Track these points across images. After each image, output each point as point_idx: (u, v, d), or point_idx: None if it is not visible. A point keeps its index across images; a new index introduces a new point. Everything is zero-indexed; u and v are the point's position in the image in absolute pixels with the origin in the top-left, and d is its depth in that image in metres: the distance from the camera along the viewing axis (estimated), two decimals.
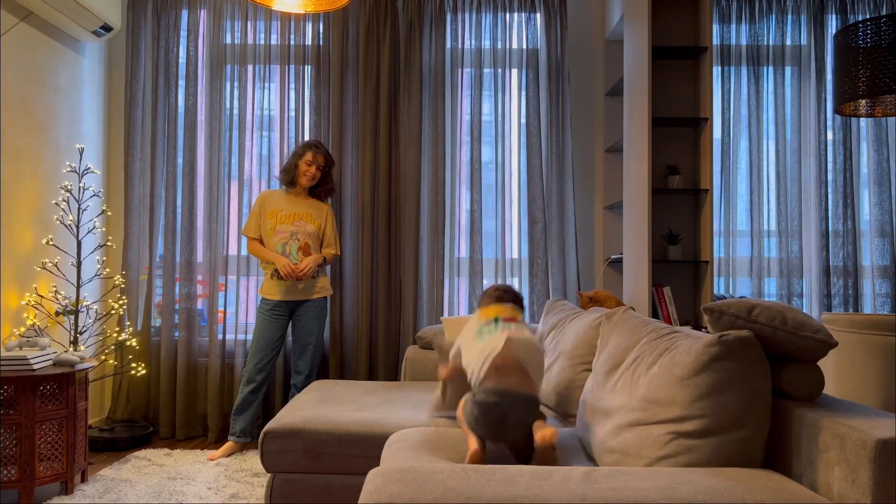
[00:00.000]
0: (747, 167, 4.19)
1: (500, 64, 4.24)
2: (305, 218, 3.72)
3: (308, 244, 3.69)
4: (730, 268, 4.16)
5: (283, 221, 3.71)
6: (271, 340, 3.68)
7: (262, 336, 3.67)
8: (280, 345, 3.73)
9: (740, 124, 4.19)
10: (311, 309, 3.73)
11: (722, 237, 4.15)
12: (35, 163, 3.59)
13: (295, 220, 3.70)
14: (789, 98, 4.22)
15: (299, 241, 3.68)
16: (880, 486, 1.27)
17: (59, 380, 2.90)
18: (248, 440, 3.70)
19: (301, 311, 3.73)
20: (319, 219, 3.78)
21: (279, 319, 3.71)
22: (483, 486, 1.30)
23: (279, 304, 3.69)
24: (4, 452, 2.78)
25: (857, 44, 2.93)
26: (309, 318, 3.73)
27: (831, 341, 1.55)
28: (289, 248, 3.67)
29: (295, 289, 3.68)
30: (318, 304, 3.75)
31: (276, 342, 3.70)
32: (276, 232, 3.70)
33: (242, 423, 3.66)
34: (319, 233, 3.77)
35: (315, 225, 3.74)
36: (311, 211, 3.76)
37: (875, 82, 2.87)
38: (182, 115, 4.21)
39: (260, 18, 4.24)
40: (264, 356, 3.66)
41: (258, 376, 3.65)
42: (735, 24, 4.19)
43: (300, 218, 3.71)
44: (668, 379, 1.65)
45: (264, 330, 3.67)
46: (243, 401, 3.65)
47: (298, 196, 3.79)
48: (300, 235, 3.69)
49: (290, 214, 3.72)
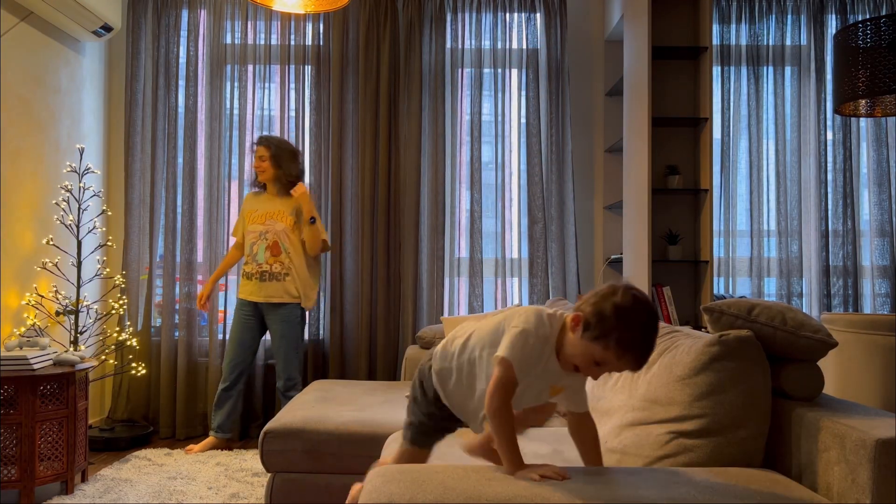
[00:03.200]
0: (747, 167, 4.19)
1: (500, 64, 4.24)
2: (276, 216, 3.68)
3: (277, 242, 3.66)
4: (730, 268, 4.16)
5: (254, 222, 3.70)
6: (241, 340, 3.69)
7: (233, 336, 3.71)
8: (253, 346, 3.73)
9: (740, 124, 4.19)
10: (278, 313, 3.66)
11: (722, 237, 4.15)
12: (35, 163, 3.59)
13: (266, 220, 3.68)
14: (789, 98, 4.22)
15: (267, 241, 3.65)
16: (880, 485, 1.27)
17: (59, 380, 2.90)
18: (227, 436, 3.72)
19: (270, 316, 3.68)
20: (292, 214, 3.70)
21: (248, 320, 3.70)
22: (483, 486, 1.30)
23: (247, 304, 3.69)
24: (4, 452, 2.78)
25: (857, 44, 2.93)
26: (276, 322, 3.67)
27: (831, 341, 1.55)
28: (256, 247, 3.66)
29: (259, 291, 3.65)
30: (285, 309, 3.66)
31: (246, 342, 3.70)
32: (248, 233, 3.71)
33: (219, 418, 3.69)
34: (297, 228, 3.68)
35: (286, 223, 3.68)
36: (282, 208, 3.71)
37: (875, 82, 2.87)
38: (182, 115, 4.21)
39: (260, 18, 4.24)
40: (235, 356, 3.68)
41: (230, 375, 3.68)
42: (735, 24, 4.19)
43: (271, 217, 3.68)
44: (668, 378, 1.65)
45: (235, 329, 3.71)
46: (218, 398, 3.71)
47: (273, 196, 3.75)
48: (269, 235, 3.65)
49: (262, 214, 3.70)
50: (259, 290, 3.65)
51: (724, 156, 4.15)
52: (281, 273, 3.64)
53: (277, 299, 3.64)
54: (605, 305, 1.37)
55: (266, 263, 3.64)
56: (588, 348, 1.38)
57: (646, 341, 1.37)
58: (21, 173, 3.48)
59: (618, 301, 1.36)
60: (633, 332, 1.35)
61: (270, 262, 3.64)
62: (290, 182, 3.70)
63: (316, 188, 4.17)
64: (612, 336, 1.35)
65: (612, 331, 1.35)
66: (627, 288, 1.40)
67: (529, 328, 1.44)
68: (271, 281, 3.64)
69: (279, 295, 3.64)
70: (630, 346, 1.35)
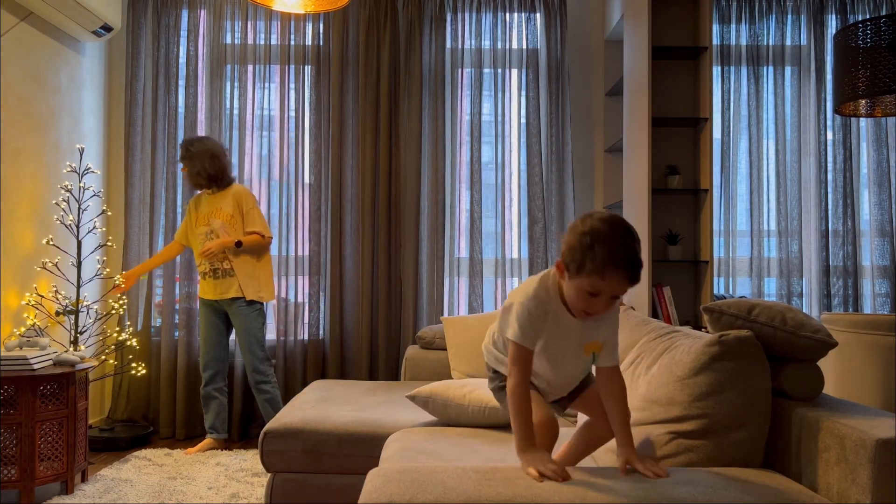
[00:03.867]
0: (747, 167, 4.19)
1: (500, 64, 4.24)
2: (215, 214, 3.70)
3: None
4: (730, 268, 4.16)
5: (199, 224, 3.73)
6: (209, 338, 3.73)
7: (202, 336, 3.77)
8: (222, 342, 3.76)
9: (740, 124, 4.19)
10: (236, 308, 3.67)
11: (722, 237, 4.15)
12: (35, 163, 3.59)
13: (208, 220, 3.70)
14: (789, 98, 4.22)
15: (212, 240, 3.68)
16: (880, 486, 1.27)
17: (59, 380, 2.90)
18: (222, 436, 3.74)
19: (230, 311, 3.71)
20: (228, 208, 3.70)
21: (211, 318, 3.73)
22: (483, 486, 1.30)
23: (207, 302, 3.72)
24: (4, 452, 2.78)
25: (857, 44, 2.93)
26: (236, 316, 3.69)
27: (831, 341, 1.55)
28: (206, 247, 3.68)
29: (215, 289, 3.67)
30: (241, 303, 3.66)
31: (214, 339, 3.73)
32: (197, 235, 3.73)
33: (209, 419, 3.73)
34: (234, 221, 3.69)
35: (223, 218, 3.68)
36: (219, 205, 3.71)
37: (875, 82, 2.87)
38: (182, 115, 4.21)
39: (260, 18, 4.24)
40: (206, 354, 3.73)
41: (205, 374, 3.73)
42: (735, 24, 4.19)
43: (210, 216, 3.70)
44: (667, 379, 1.65)
45: (202, 329, 3.77)
46: (202, 399, 3.77)
47: (209, 195, 3.75)
48: (212, 234, 3.68)
49: (203, 215, 3.72)
50: (215, 288, 3.67)
51: (724, 156, 4.15)
52: (230, 269, 3.66)
53: (231, 294, 3.66)
54: (571, 238, 1.41)
55: (217, 261, 3.66)
56: (578, 285, 1.40)
57: (621, 251, 1.37)
58: (21, 173, 3.48)
59: (582, 229, 1.39)
60: (605, 247, 1.36)
61: (221, 259, 3.66)
62: (214, 177, 3.69)
63: (316, 188, 4.17)
64: (588, 261, 1.36)
65: (585, 257, 1.37)
66: (588, 214, 1.42)
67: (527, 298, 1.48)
68: (224, 277, 3.66)
69: (233, 290, 3.66)
70: (607, 261, 1.36)
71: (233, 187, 3.74)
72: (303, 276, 4.21)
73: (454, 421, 2.37)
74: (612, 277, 1.37)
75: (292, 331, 4.15)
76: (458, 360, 3.31)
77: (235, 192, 3.72)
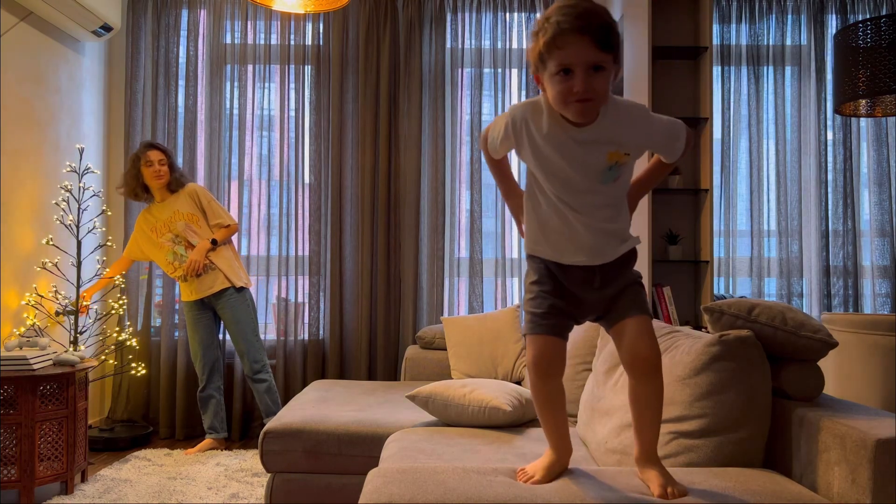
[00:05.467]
0: (747, 167, 4.19)
1: (500, 64, 4.24)
2: (176, 217, 3.66)
3: (188, 239, 3.65)
4: (730, 268, 4.16)
5: (160, 234, 3.67)
6: (201, 340, 3.71)
7: (192, 338, 3.73)
8: (214, 341, 3.75)
9: (740, 124, 4.19)
10: (225, 301, 3.66)
11: (722, 237, 4.15)
12: (35, 162, 3.59)
13: (170, 225, 3.66)
14: (789, 98, 4.22)
15: (182, 242, 3.66)
16: (880, 486, 1.27)
17: (59, 380, 2.90)
18: (222, 435, 3.74)
19: (219, 306, 3.69)
20: (185, 207, 3.67)
21: (200, 318, 3.71)
22: (483, 487, 1.30)
23: (193, 304, 3.69)
24: (4, 452, 2.77)
25: (857, 44, 2.93)
26: (226, 309, 3.66)
27: (831, 341, 1.55)
28: (177, 251, 3.66)
29: (198, 287, 3.64)
30: (229, 294, 3.65)
31: (206, 340, 3.71)
32: (160, 247, 3.67)
33: (208, 420, 3.73)
34: (195, 218, 3.67)
35: (186, 218, 3.66)
36: (177, 207, 3.68)
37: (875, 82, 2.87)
38: (182, 115, 4.21)
39: (260, 18, 4.24)
40: (201, 356, 3.71)
41: (202, 377, 3.72)
42: (735, 24, 4.19)
43: (172, 220, 3.66)
44: (668, 379, 1.65)
45: (191, 332, 3.73)
46: (199, 401, 3.75)
47: (163, 201, 3.69)
48: (179, 237, 3.65)
49: (164, 223, 3.67)
50: (198, 287, 3.65)
51: (724, 156, 4.15)
52: (209, 264, 3.64)
53: (217, 287, 3.64)
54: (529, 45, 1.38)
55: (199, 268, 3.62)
56: (549, 74, 1.32)
57: (572, 11, 1.28)
58: (21, 173, 3.47)
59: (535, 27, 1.34)
60: (556, 15, 1.29)
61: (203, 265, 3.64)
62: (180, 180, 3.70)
63: (316, 188, 4.17)
64: (545, 41, 1.30)
65: (542, 39, 1.31)
66: None
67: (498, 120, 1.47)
68: (204, 273, 3.64)
69: (219, 283, 3.64)
70: (560, 25, 1.28)
71: (185, 188, 3.71)
72: (303, 276, 4.21)
73: (454, 421, 2.37)
74: (570, 40, 1.27)
75: (292, 331, 4.14)
76: (458, 360, 3.31)
77: (190, 191, 3.69)
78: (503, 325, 3.36)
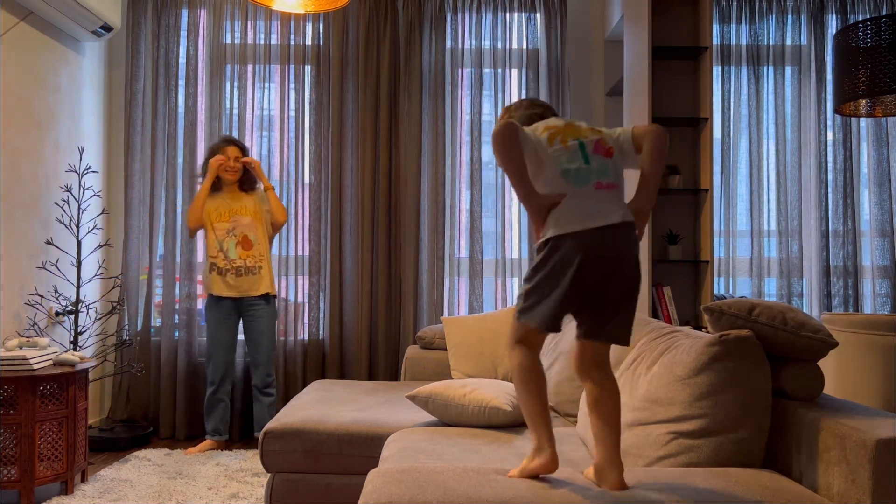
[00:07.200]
0: (747, 167, 4.19)
1: (500, 64, 4.24)
2: (241, 212, 3.69)
3: (247, 237, 3.67)
4: (730, 268, 4.16)
5: (220, 220, 3.67)
6: (223, 341, 3.68)
7: (215, 338, 3.68)
8: (234, 345, 3.74)
9: (740, 124, 4.19)
10: (259, 308, 3.67)
11: (722, 237, 4.15)
12: (35, 162, 3.59)
13: (231, 217, 3.68)
14: (789, 98, 4.22)
15: (237, 237, 3.66)
16: (880, 486, 1.27)
17: (59, 380, 2.90)
18: (223, 438, 3.74)
19: (250, 311, 3.68)
20: (251, 204, 3.71)
21: (228, 319, 3.69)
22: (483, 487, 1.30)
23: (224, 301, 3.66)
24: (4, 452, 2.78)
25: (857, 44, 2.93)
26: (257, 317, 3.67)
27: (831, 341, 1.55)
28: (227, 244, 3.66)
29: (238, 286, 3.64)
30: (265, 302, 3.68)
31: (228, 343, 3.70)
32: (215, 229, 3.69)
33: (213, 422, 3.70)
34: (259, 217, 3.70)
35: (251, 216, 3.69)
36: (245, 204, 3.71)
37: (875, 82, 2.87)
38: (182, 115, 4.21)
39: (260, 18, 4.24)
40: (221, 358, 3.68)
41: (218, 379, 3.69)
42: (735, 24, 4.19)
43: (236, 213, 3.69)
44: (668, 379, 1.65)
45: (215, 331, 3.68)
46: (209, 403, 3.70)
47: (232, 193, 3.73)
48: (237, 231, 3.67)
49: (227, 211, 3.69)
50: (238, 285, 3.65)
51: (724, 156, 4.15)
52: (255, 267, 3.66)
53: (255, 292, 3.65)
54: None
55: (239, 259, 3.65)
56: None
57: None
58: (21, 173, 3.47)
59: None
60: None
61: (244, 257, 3.65)
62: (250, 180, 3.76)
63: (316, 188, 4.17)
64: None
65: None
66: None
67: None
68: (247, 275, 3.65)
69: (256, 288, 3.66)
70: None
71: (257, 191, 3.79)
72: (303, 275, 4.21)
73: (454, 421, 2.37)
74: None
75: (292, 331, 4.14)
76: (458, 360, 3.31)
77: (260, 193, 3.79)
78: (503, 325, 3.36)
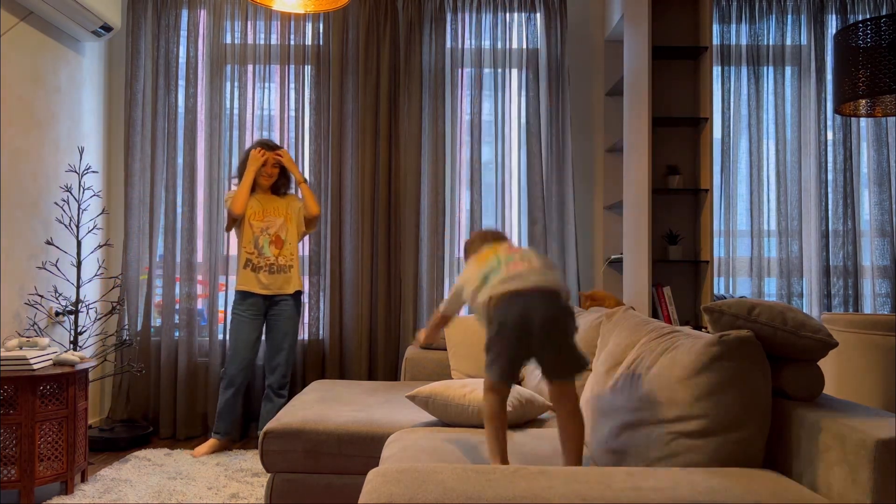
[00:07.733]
0: (747, 167, 4.19)
1: (500, 64, 4.24)
2: (274, 212, 3.70)
3: (279, 236, 3.68)
4: (730, 268, 4.16)
5: (255, 218, 3.68)
6: (248, 340, 3.66)
7: (240, 336, 3.65)
8: (257, 345, 3.72)
9: (740, 124, 4.19)
10: (288, 307, 3.68)
11: (722, 237, 4.15)
12: (35, 162, 3.59)
13: (265, 216, 3.69)
14: (789, 98, 4.22)
15: (270, 236, 3.67)
16: (880, 486, 1.27)
17: (59, 380, 2.90)
18: (233, 441, 3.74)
19: (277, 310, 3.68)
20: (283, 208, 3.73)
21: (255, 317, 3.67)
22: (483, 486, 1.30)
23: (254, 298, 3.65)
24: (4, 452, 2.78)
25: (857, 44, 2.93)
26: (283, 317, 3.68)
27: (831, 341, 1.54)
28: (262, 241, 3.67)
29: (272, 283, 3.65)
30: (293, 301, 3.70)
31: (251, 342, 3.68)
32: (252, 227, 3.69)
33: (225, 424, 3.66)
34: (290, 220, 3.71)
35: (284, 216, 3.70)
36: (278, 205, 3.73)
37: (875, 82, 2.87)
38: (182, 115, 4.21)
39: (260, 18, 4.24)
40: (243, 358, 3.65)
41: (238, 379, 3.65)
42: (735, 24, 4.19)
43: (270, 213, 3.70)
44: (668, 379, 1.65)
45: (241, 329, 3.65)
46: (225, 404, 3.65)
47: (266, 195, 3.74)
48: (271, 230, 3.68)
49: (261, 211, 3.70)
50: (272, 283, 3.65)
51: (724, 156, 4.15)
52: (286, 266, 3.68)
53: (286, 291, 3.67)
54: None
55: (272, 256, 3.66)
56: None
57: None
58: (21, 173, 3.47)
59: None
60: None
61: (276, 256, 3.66)
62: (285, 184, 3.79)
63: (316, 188, 4.17)
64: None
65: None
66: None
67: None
68: (279, 273, 3.67)
69: (288, 287, 3.68)
70: None
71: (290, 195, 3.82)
72: (302, 275, 4.21)
73: (454, 421, 2.37)
74: None
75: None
76: (458, 360, 3.31)
77: (292, 195, 3.83)
78: None
